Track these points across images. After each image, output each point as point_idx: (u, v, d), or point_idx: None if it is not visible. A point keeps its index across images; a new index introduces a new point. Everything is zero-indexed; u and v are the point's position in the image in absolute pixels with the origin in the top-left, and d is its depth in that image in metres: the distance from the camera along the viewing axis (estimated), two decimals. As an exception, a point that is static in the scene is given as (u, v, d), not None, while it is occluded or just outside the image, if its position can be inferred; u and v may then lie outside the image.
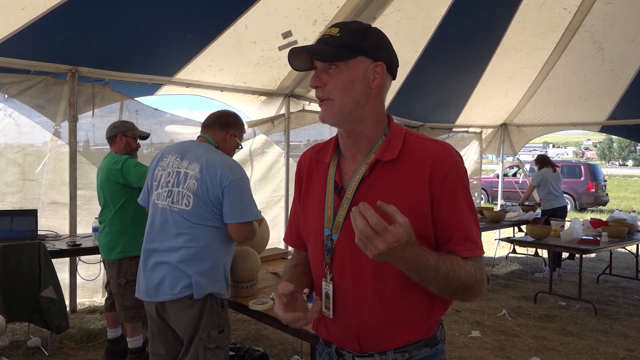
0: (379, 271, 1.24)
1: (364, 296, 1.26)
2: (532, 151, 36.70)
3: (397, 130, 1.30)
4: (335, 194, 1.29)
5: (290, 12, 4.90)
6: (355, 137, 1.29)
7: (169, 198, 2.28)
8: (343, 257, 1.28)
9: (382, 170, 1.25)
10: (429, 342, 1.29)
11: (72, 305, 4.73)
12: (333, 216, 1.29)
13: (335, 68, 1.23)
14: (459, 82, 7.16)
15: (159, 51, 4.86)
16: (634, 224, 5.94)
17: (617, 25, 6.10)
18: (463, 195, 1.25)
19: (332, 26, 1.26)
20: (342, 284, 1.29)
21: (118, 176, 3.33)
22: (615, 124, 7.54)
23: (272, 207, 6.21)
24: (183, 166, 2.29)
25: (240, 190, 2.25)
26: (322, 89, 1.24)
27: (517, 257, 7.86)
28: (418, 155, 1.24)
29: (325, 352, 1.41)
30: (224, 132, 2.47)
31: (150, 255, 2.30)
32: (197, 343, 2.21)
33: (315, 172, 1.39)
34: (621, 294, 5.90)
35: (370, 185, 1.25)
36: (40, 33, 4.05)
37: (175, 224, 2.24)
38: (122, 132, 3.52)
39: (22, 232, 3.94)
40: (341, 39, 1.22)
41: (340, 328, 1.32)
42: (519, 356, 4.00)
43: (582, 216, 12.95)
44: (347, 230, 1.26)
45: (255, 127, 6.00)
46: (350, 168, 1.30)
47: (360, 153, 1.30)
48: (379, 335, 1.27)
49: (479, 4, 5.79)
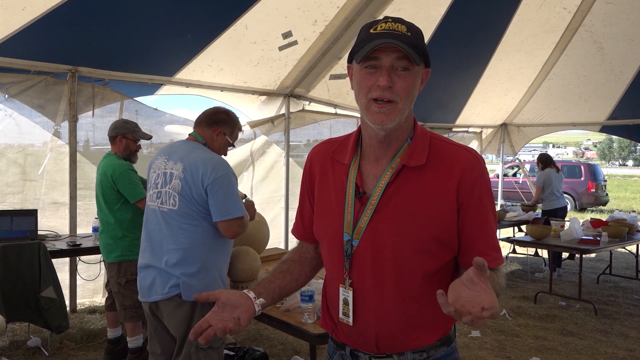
0: (402, 277, 1.22)
1: (385, 302, 1.24)
2: (532, 151, 36.69)
3: (422, 134, 1.26)
4: (357, 199, 1.25)
5: (290, 12, 4.90)
6: (389, 141, 1.24)
7: (158, 199, 2.30)
8: (363, 264, 1.24)
9: (408, 176, 1.22)
10: (445, 342, 1.29)
11: (72, 305, 4.73)
12: (354, 222, 1.24)
13: (407, 71, 1.15)
14: (458, 82, 7.15)
15: (159, 51, 4.86)
16: (634, 224, 5.94)
17: (617, 25, 6.10)
18: (489, 204, 1.24)
19: (393, 21, 1.17)
20: (362, 290, 1.25)
21: (113, 185, 3.33)
22: (615, 124, 7.53)
23: (272, 207, 6.21)
24: (169, 166, 2.30)
25: (223, 187, 2.23)
26: (392, 90, 1.15)
27: (517, 257, 7.85)
28: (445, 162, 1.21)
29: (338, 354, 1.37)
30: (212, 130, 2.43)
31: (143, 256, 2.34)
32: (189, 343, 2.21)
33: (330, 171, 1.33)
34: (621, 294, 5.90)
35: (395, 191, 1.22)
36: (40, 33, 4.05)
37: (165, 225, 2.26)
38: (122, 133, 3.51)
39: (22, 232, 3.94)
40: (412, 39, 1.15)
41: (357, 333, 1.29)
42: (519, 356, 4.00)
43: (582, 216, 12.95)
44: (368, 236, 1.22)
45: (255, 127, 6.00)
46: (372, 172, 1.26)
47: (386, 157, 1.25)
48: (399, 338, 1.25)
49: (479, 4, 5.79)
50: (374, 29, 1.16)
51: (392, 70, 1.15)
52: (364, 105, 1.19)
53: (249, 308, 1.21)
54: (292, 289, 1.41)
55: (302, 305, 2.36)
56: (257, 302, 1.23)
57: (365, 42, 1.14)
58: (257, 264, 2.77)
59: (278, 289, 1.34)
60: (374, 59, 1.14)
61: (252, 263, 2.73)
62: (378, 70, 1.15)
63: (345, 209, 1.26)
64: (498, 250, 1.24)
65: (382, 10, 5.24)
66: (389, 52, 1.13)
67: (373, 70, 1.15)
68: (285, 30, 5.04)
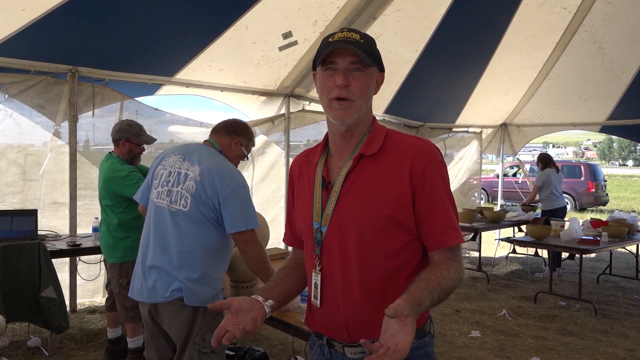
0: (364, 262, 1.32)
1: (351, 286, 1.33)
2: (532, 151, 36.65)
3: (379, 128, 1.40)
4: (323, 189, 1.38)
5: (290, 12, 4.90)
6: (349, 136, 1.37)
7: (167, 197, 2.26)
8: (331, 249, 1.36)
9: (366, 164, 1.34)
10: (417, 334, 1.30)
11: (72, 305, 4.74)
12: (322, 210, 1.37)
13: (361, 72, 1.30)
14: (458, 82, 7.15)
15: (159, 51, 4.86)
16: (634, 224, 5.94)
17: (617, 25, 6.10)
18: (443, 187, 1.33)
19: (348, 31, 1.33)
20: (331, 275, 1.36)
21: (116, 189, 3.30)
22: (615, 124, 7.53)
23: (272, 207, 6.22)
24: (184, 167, 2.27)
25: (239, 199, 2.22)
26: (348, 89, 1.29)
27: (517, 257, 7.85)
28: (398, 150, 1.34)
29: (317, 344, 1.46)
30: (230, 139, 2.44)
31: (146, 256, 2.29)
32: (191, 347, 2.18)
33: (305, 172, 1.48)
34: (621, 294, 5.91)
35: (355, 178, 1.34)
36: (40, 33, 4.05)
37: (173, 225, 2.22)
38: (125, 137, 3.44)
39: (22, 232, 3.94)
40: (365, 45, 1.30)
41: (329, 318, 1.38)
42: (519, 356, 4.00)
43: (582, 216, 12.96)
44: (335, 222, 1.35)
45: (255, 127, 6.00)
46: (337, 164, 1.39)
47: (348, 150, 1.38)
48: (367, 324, 1.32)
49: (479, 4, 5.79)
50: (332, 38, 1.32)
51: (348, 72, 1.29)
52: (326, 104, 1.34)
53: (261, 310, 1.31)
54: (294, 293, 1.53)
55: (302, 306, 2.36)
56: (266, 304, 1.33)
57: (324, 49, 1.30)
58: (257, 264, 2.77)
59: (282, 293, 1.45)
60: (332, 63, 1.30)
61: (252, 263, 2.73)
62: (336, 72, 1.30)
63: (314, 200, 1.40)
64: (457, 229, 1.33)
65: (382, 11, 5.24)
66: (345, 56, 1.29)
67: (332, 72, 1.31)
68: (286, 31, 5.05)
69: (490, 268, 7.20)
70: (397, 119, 7.49)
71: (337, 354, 1.40)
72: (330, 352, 1.42)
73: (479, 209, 7.37)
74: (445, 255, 1.31)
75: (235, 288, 2.71)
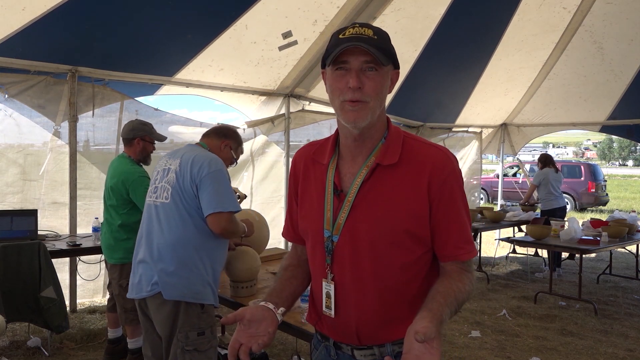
0: (379, 271, 1.29)
1: (364, 295, 1.30)
2: (532, 151, 36.68)
3: (395, 133, 1.33)
4: (335, 197, 1.32)
5: (290, 12, 4.90)
6: (363, 140, 1.30)
7: (154, 194, 2.34)
8: (343, 258, 1.31)
9: (382, 174, 1.28)
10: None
11: (72, 305, 4.73)
12: (333, 218, 1.31)
13: (375, 71, 1.21)
14: (458, 82, 7.15)
15: (159, 51, 4.86)
16: (634, 224, 5.94)
17: (617, 25, 6.10)
18: (461, 200, 1.30)
19: (360, 26, 1.23)
20: (342, 284, 1.32)
21: (125, 191, 3.29)
22: (615, 124, 7.54)
23: (272, 207, 6.21)
24: (169, 163, 2.36)
25: (216, 181, 2.24)
26: (362, 91, 1.20)
27: (517, 257, 7.85)
28: (417, 160, 1.28)
29: (323, 345, 1.44)
30: (220, 141, 2.54)
31: (137, 253, 2.36)
32: (175, 344, 2.21)
33: (311, 171, 1.41)
34: (621, 294, 5.91)
35: (370, 188, 1.28)
36: (40, 33, 4.05)
37: (156, 219, 2.28)
38: (140, 136, 3.43)
39: (22, 232, 3.94)
40: (379, 42, 1.21)
41: (340, 324, 1.36)
42: (519, 356, 4.00)
43: (582, 216, 12.96)
44: (347, 233, 1.29)
45: (255, 127, 6.00)
46: (350, 170, 1.32)
47: (362, 155, 1.31)
48: (379, 330, 1.31)
49: (479, 4, 5.79)
50: (342, 34, 1.22)
51: (361, 72, 1.20)
52: (337, 106, 1.25)
53: (273, 319, 1.27)
54: (300, 293, 1.49)
55: (302, 306, 2.36)
56: (278, 312, 1.29)
57: (334, 47, 1.20)
58: (257, 264, 2.76)
59: (290, 296, 1.41)
60: (344, 62, 1.21)
61: (252, 263, 2.72)
62: (348, 73, 1.21)
63: (325, 207, 1.33)
64: (471, 243, 1.31)
65: (382, 10, 5.24)
66: (357, 55, 1.19)
67: (343, 73, 1.21)
68: (285, 30, 5.04)
69: (490, 268, 7.20)
70: (397, 118, 7.49)
71: (344, 355, 1.38)
72: (337, 354, 1.39)
73: (479, 209, 7.37)
74: (458, 267, 1.29)
75: (235, 288, 2.70)
